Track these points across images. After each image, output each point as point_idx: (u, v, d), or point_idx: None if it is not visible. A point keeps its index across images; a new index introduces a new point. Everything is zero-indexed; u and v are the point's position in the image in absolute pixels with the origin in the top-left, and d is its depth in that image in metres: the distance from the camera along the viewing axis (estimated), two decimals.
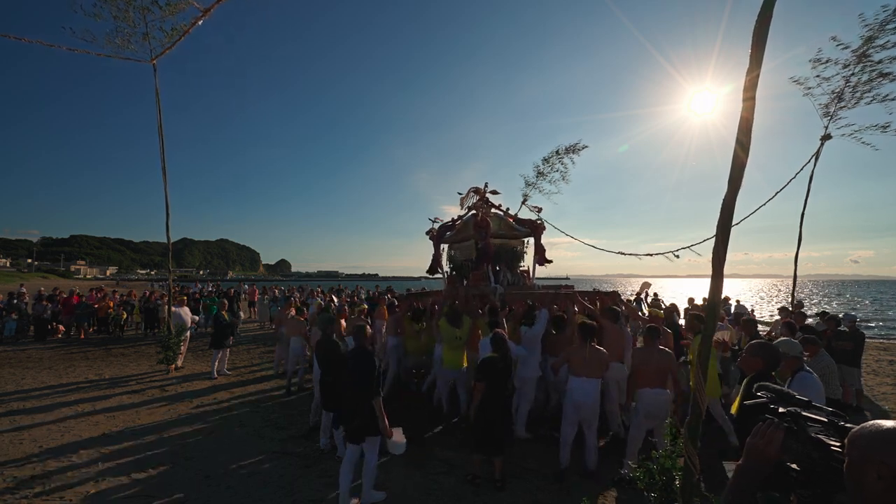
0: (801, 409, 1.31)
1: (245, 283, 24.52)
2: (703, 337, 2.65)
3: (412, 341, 7.09)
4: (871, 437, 1.02)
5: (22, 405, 6.68)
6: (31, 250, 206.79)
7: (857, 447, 1.04)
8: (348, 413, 3.89)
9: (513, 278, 8.22)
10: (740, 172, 2.44)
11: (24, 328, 13.32)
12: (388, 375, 7.23)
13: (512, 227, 8.59)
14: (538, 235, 8.40)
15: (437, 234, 8.68)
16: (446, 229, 8.72)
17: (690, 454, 2.59)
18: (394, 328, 7.31)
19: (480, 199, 8.55)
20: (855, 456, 1.04)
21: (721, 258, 2.52)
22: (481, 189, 8.67)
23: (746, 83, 2.09)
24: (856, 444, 1.05)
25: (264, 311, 16.48)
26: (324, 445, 5.13)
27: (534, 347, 5.62)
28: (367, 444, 3.84)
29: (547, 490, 4.24)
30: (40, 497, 4.00)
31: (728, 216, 2.51)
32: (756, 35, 2.02)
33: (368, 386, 3.76)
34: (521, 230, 8.60)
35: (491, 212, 8.42)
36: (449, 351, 5.94)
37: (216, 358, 8.65)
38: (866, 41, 8.19)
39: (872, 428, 1.03)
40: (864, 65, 8.34)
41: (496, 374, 4.20)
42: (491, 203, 8.62)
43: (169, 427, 5.86)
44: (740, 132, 2.37)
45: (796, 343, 3.19)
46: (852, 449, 1.05)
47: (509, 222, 8.68)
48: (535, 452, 5.09)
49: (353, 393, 3.83)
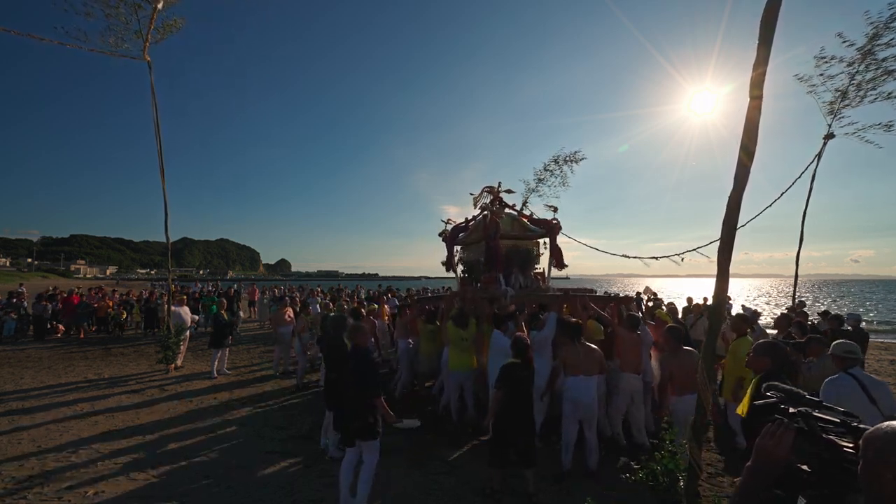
0: (812, 410, 1.28)
1: (244, 282, 24.53)
2: (707, 336, 2.63)
3: (427, 343, 6.94)
4: (886, 437, 1.01)
5: (21, 405, 6.65)
6: (31, 250, 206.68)
7: (874, 448, 1.03)
8: (349, 413, 3.85)
9: (525, 281, 7.82)
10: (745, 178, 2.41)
11: (23, 328, 13.30)
12: (401, 380, 7.18)
13: (525, 228, 8.24)
14: (554, 236, 7.98)
15: (450, 235, 8.48)
16: (459, 231, 8.50)
17: (695, 455, 2.57)
18: (405, 331, 7.20)
19: (494, 199, 8.24)
20: (871, 456, 1.03)
21: (726, 260, 2.50)
22: (495, 188, 8.39)
23: (753, 79, 2.03)
24: (872, 444, 1.04)
25: (264, 311, 16.47)
26: (323, 445, 5.11)
27: (542, 352, 5.37)
28: (365, 447, 3.75)
29: (547, 490, 4.21)
30: (39, 497, 3.98)
31: (733, 220, 2.49)
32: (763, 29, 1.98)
33: (367, 385, 3.73)
34: (535, 230, 8.23)
35: (504, 211, 8.12)
36: (456, 353, 5.85)
37: (216, 357, 8.63)
38: (871, 38, 8.13)
39: (889, 429, 1.02)
40: (868, 62, 8.29)
41: (518, 382, 3.97)
42: (504, 203, 8.31)
43: (168, 427, 5.83)
44: (745, 136, 2.33)
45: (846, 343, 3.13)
46: (868, 450, 1.04)
47: (523, 222, 8.31)
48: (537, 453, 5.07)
49: (353, 393, 3.79)
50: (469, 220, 8.59)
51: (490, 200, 8.34)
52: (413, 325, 7.20)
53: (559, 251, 7.96)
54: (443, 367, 6.29)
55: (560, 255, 7.99)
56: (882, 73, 8.22)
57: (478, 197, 8.65)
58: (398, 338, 7.44)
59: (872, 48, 8.19)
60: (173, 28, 9.26)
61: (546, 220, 8.21)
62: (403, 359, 7.21)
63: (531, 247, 8.34)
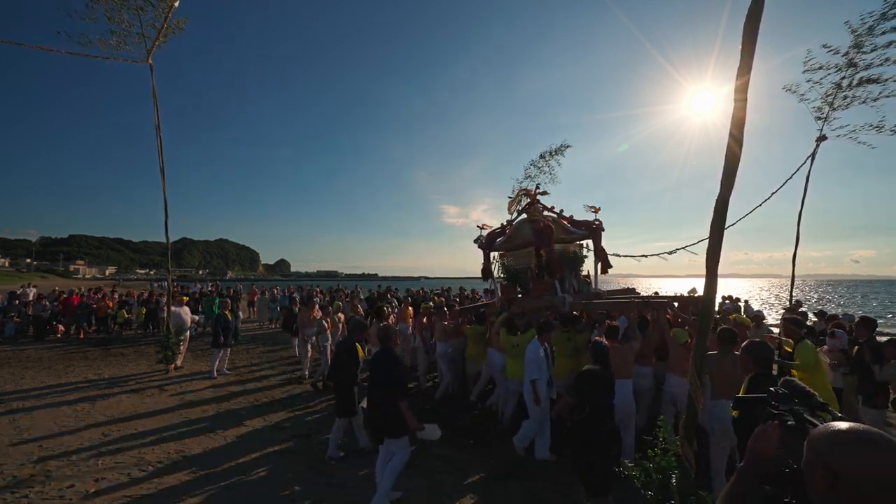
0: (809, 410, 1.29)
1: (243, 282, 24.54)
2: (697, 336, 2.67)
3: (475, 346, 6.84)
4: (823, 438, 1.01)
5: (21, 405, 6.68)
6: (31, 250, 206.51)
7: (811, 448, 1.03)
8: (374, 412, 3.94)
9: (578, 285, 7.58)
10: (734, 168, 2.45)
11: (23, 328, 13.32)
12: (442, 384, 7.15)
13: (567, 230, 7.78)
14: (598, 238, 7.59)
15: (486, 241, 8.16)
16: (496, 236, 8.16)
17: (686, 453, 2.61)
18: (444, 334, 7.08)
19: (532, 203, 7.88)
20: (810, 457, 1.03)
21: (715, 257, 2.54)
22: (532, 191, 8.06)
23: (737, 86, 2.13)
24: (810, 445, 1.04)
25: (263, 311, 16.49)
26: (364, 445, 5.11)
27: None
28: (393, 444, 3.83)
29: (547, 490, 4.25)
30: (40, 496, 4.01)
31: (722, 215, 2.53)
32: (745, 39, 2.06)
33: (389, 386, 3.79)
34: (577, 232, 7.81)
35: (545, 214, 7.81)
36: (511, 360, 5.67)
37: (216, 357, 8.66)
38: (854, 46, 8.28)
39: (826, 430, 1.03)
40: (853, 69, 8.44)
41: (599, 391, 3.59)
42: (543, 205, 7.97)
43: (168, 427, 5.86)
44: (733, 127, 2.38)
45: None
46: (808, 450, 1.04)
47: (564, 224, 7.85)
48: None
49: (376, 392, 3.88)
50: (505, 225, 8.25)
51: (528, 203, 8.01)
52: (457, 328, 7.08)
53: (604, 253, 7.58)
54: (496, 372, 6.19)
55: (606, 256, 7.59)
56: (865, 80, 8.37)
57: (514, 201, 8.36)
58: (437, 341, 7.22)
59: (854, 58, 8.35)
60: (176, 29, 9.30)
61: (587, 220, 7.78)
62: (443, 362, 7.10)
63: (577, 249, 8.09)
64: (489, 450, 5.21)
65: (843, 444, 0.97)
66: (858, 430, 0.97)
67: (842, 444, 0.97)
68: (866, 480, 0.92)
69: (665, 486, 3.01)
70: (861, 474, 0.93)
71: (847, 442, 0.97)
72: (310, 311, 8.89)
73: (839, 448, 0.97)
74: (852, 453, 0.95)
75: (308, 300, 9.08)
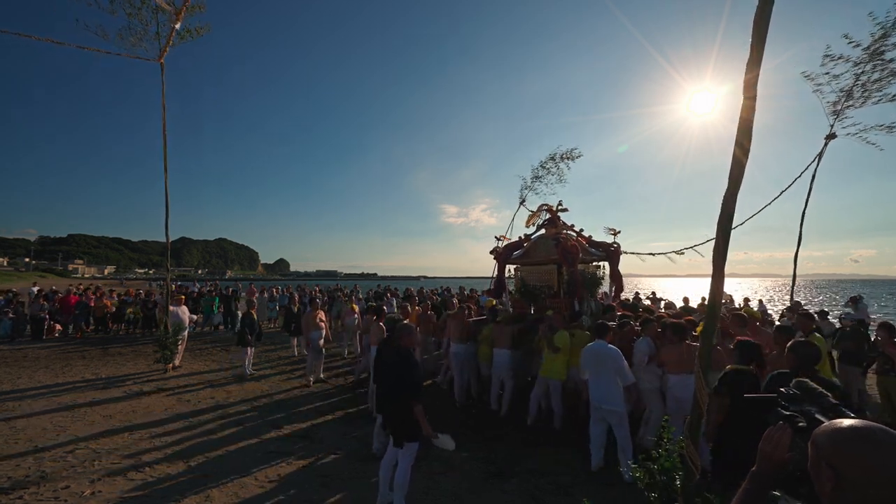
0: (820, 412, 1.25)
1: (242, 282, 24.45)
2: (702, 336, 2.63)
3: (484, 347, 6.82)
4: (825, 436, 1.00)
5: (18, 404, 6.63)
6: (29, 249, 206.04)
7: (815, 446, 1.02)
8: (386, 415, 3.88)
9: (596, 306, 7.48)
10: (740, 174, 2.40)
11: (21, 327, 13.26)
12: (456, 385, 7.05)
13: (585, 250, 7.64)
14: (615, 261, 7.58)
15: (503, 253, 8.05)
16: (513, 249, 8.04)
17: (691, 454, 2.57)
18: (458, 334, 6.97)
19: (552, 219, 7.80)
20: (813, 455, 1.01)
21: (722, 258, 2.50)
22: (553, 207, 7.93)
23: (746, 81, 2.03)
24: (814, 443, 1.02)
25: (263, 311, 16.42)
26: (375, 449, 4.99)
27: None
28: (406, 448, 3.75)
29: (547, 490, 4.22)
30: (35, 497, 3.97)
31: (728, 217, 2.48)
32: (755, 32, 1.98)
33: (401, 387, 3.71)
34: (595, 253, 7.75)
35: (565, 233, 7.66)
36: (549, 357, 5.72)
37: (246, 356, 8.69)
38: (879, 38, 8.02)
39: (828, 428, 1.01)
40: (875, 63, 8.18)
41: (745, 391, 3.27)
42: (564, 223, 7.87)
43: (166, 427, 5.82)
44: (740, 133, 2.32)
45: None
46: (812, 448, 1.03)
47: (583, 244, 7.70)
48: (537, 453, 5.08)
49: (391, 393, 3.81)
50: (523, 238, 8.14)
51: (547, 219, 7.93)
52: (470, 328, 7.00)
53: (620, 277, 7.60)
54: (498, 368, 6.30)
55: (621, 280, 7.63)
56: (888, 73, 8.12)
57: (534, 215, 8.26)
58: (452, 341, 7.09)
59: (880, 48, 8.08)
60: (195, 34, 9.27)
61: (605, 243, 7.76)
62: (455, 361, 7.00)
63: (594, 270, 7.95)
64: (489, 450, 5.17)
65: (845, 441, 0.94)
66: (860, 427, 0.94)
67: (844, 442, 0.94)
68: (871, 478, 0.90)
69: (669, 488, 2.97)
70: (865, 473, 0.90)
71: (849, 439, 0.94)
72: (314, 313, 8.57)
73: (841, 446, 0.94)
74: (855, 452, 0.92)
75: (311, 302, 8.90)
